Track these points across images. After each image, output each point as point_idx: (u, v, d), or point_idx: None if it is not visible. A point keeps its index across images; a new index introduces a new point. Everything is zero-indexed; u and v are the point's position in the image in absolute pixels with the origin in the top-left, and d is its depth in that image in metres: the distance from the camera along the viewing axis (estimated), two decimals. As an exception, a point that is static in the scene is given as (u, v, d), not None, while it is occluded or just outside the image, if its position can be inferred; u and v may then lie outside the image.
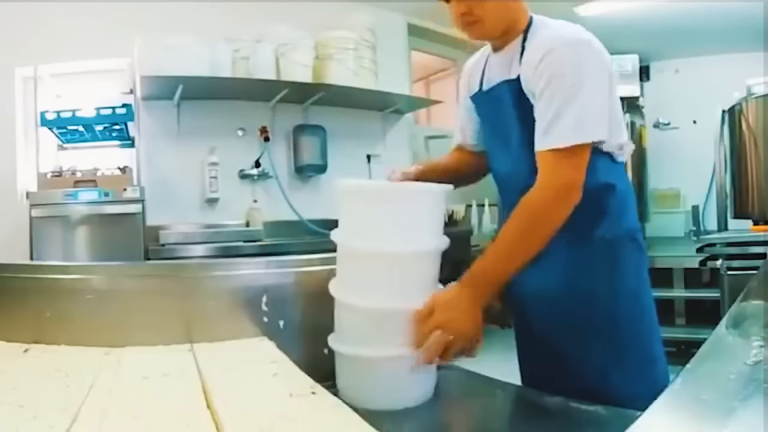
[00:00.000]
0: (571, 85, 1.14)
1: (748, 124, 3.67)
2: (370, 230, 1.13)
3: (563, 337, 1.26)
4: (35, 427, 0.76)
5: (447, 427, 1.18)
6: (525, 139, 1.22)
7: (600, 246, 1.24)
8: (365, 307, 1.11)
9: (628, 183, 1.34)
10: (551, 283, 1.26)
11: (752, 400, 0.49)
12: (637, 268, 1.28)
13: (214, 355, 1.15)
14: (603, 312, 1.23)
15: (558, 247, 1.16)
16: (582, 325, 1.24)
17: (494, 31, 1.26)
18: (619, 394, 1.09)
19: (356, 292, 1.13)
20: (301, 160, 3.77)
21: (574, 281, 1.24)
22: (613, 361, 1.21)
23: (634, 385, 1.16)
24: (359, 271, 1.14)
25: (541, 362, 1.32)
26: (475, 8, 1.21)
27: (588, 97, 1.14)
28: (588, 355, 1.23)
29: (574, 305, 1.24)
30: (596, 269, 1.24)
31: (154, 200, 3.16)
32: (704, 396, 0.51)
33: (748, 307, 0.91)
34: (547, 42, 1.18)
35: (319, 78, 3.54)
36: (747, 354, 0.61)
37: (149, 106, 3.34)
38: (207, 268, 1.32)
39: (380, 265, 1.12)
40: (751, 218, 3.70)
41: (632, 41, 4.54)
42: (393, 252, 1.13)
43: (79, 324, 1.20)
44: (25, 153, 3.16)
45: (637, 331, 1.25)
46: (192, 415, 0.82)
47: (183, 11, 3.40)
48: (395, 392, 1.12)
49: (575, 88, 1.13)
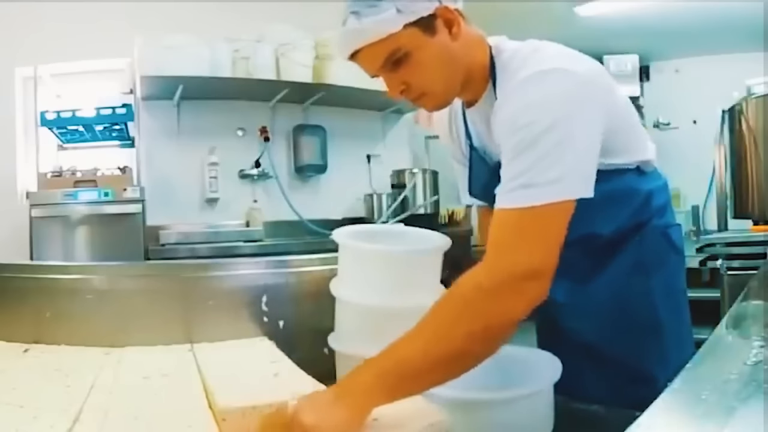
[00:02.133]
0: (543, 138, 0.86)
1: (748, 124, 3.66)
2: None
3: (604, 340, 1.15)
4: (36, 427, 0.76)
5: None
6: None
7: (638, 247, 1.17)
8: (365, 307, 1.11)
9: (664, 183, 1.24)
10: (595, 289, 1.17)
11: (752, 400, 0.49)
12: (675, 267, 1.21)
13: (214, 355, 1.15)
14: (646, 312, 1.15)
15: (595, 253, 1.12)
16: (625, 328, 1.14)
17: (451, 94, 1.03)
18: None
19: (357, 291, 1.13)
20: (301, 160, 3.77)
21: (617, 283, 1.16)
22: (657, 363, 1.12)
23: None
24: (360, 270, 1.14)
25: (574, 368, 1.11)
26: (410, 79, 0.96)
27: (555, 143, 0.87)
28: (631, 358, 1.14)
29: (616, 308, 1.15)
30: (637, 270, 1.16)
31: (154, 200, 3.16)
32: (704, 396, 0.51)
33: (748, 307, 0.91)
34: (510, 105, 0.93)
35: (319, 78, 3.54)
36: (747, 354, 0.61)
37: (149, 106, 3.34)
38: (207, 268, 1.32)
39: (381, 264, 1.12)
40: (751, 218, 3.69)
41: (632, 41, 4.53)
42: (394, 251, 1.13)
43: (79, 324, 1.20)
44: (25, 153, 3.17)
45: (679, 332, 1.19)
46: (194, 415, 0.82)
47: (183, 11, 3.41)
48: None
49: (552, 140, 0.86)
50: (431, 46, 0.94)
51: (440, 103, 1.04)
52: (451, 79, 1.00)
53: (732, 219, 3.90)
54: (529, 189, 0.85)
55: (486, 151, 1.14)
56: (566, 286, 1.13)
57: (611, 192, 1.04)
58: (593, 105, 0.92)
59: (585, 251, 1.14)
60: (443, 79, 0.99)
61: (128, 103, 3.11)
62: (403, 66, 0.95)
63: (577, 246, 1.16)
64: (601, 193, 0.92)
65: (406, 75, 0.96)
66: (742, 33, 4.15)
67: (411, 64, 0.94)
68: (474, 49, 1.02)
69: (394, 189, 3.88)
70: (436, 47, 0.95)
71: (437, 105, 1.04)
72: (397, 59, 0.94)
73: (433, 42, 0.95)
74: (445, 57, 0.97)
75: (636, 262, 1.15)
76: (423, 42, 0.94)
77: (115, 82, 3.27)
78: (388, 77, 0.98)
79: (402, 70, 0.95)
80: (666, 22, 4.10)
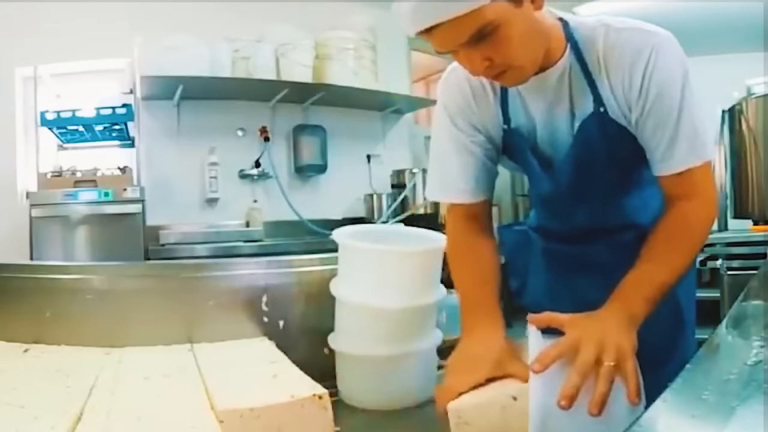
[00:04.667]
0: (677, 81, 0.97)
1: (748, 124, 3.66)
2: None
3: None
4: (36, 427, 0.76)
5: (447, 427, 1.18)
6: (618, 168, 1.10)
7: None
8: (365, 307, 1.11)
9: None
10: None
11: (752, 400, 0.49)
12: (693, 267, 1.21)
13: (215, 355, 1.15)
14: (671, 311, 1.13)
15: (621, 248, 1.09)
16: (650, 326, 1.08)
17: (535, 67, 0.98)
18: None
19: (357, 291, 1.13)
20: (301, 160, 3.77)
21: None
22: (677, 362, 1.04)
23: None
24: (360, 270, 1.14)
25: None
26: (495, 57, 0.91)
27: (696, 101, 1.00)
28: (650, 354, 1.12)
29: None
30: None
31: (154, 200, 3.16)
32: (704, 396, 0.51)
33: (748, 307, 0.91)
34: (631, 49, 0.97)
35: (319, 78, 3.54)
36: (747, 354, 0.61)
37: (149, 106, 3.34)
38: (207, 268, 1.32)
39: (381, 264, 1.12)
40: (751, 218, 3.69)
41: (632, 41, 4.52)
42: (395, 251, 1.13)
43: (79, 324, 1.20)
44: (25, 153, 3.17)
45: (693, 333, 1.18)
46: (196, 416, 0.82)
47: (183, 11, 3.40)
48: (395, 392, 1.12)
49: (687, 92, 0.98)
50: (519, 18, 0.89)
51: (523, 78, 0.98)
52: (537, 52, 0.96)
53: (732, 219, 3.89)
54: (706, 146, 1.01)
55: (529, 130, 1.09)
56: (592, 282, 1.11)
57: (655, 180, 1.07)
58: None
59: (616, 245, 1.14)
60: (531, 52, 0.95)
61: (128, 103, 3.11)
62: (489, 41, 0.88)
63: (609, 238, 1.18)
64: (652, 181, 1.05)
65: (490, 50, 0.89)
66: (742, 33, 4.15)
67: (498, 38, 0.88)
68: (547, 16, 0.98)
69: (394, 189, 3.88)
70: (523, 19, 0.90)
71: (520, 80, 0.98)
72: (484, 34, 0.87)
73: (520, 13, 0.89)
74: (532, 29, 0.93)
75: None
76: (511, 14, 0.88)
77: (115, 82, 3.27)
78: (468, 53, 0.91)
79: (486, 45, 0.89)
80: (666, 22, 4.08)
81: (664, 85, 0.96)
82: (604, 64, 1.00)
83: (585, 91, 1.02)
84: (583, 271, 1.20)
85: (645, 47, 0.96)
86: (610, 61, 0.99)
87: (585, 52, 1.01)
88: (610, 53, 0.99)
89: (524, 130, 1.10)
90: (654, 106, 0.97)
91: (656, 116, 0.98)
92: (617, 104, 1.01)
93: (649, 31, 0.99)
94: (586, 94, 1.02)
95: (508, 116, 1.10)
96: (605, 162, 1.07)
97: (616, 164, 1.09)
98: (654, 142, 1.00)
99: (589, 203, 1.16)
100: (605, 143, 1.04)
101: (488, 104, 1.10)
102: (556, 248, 1.27)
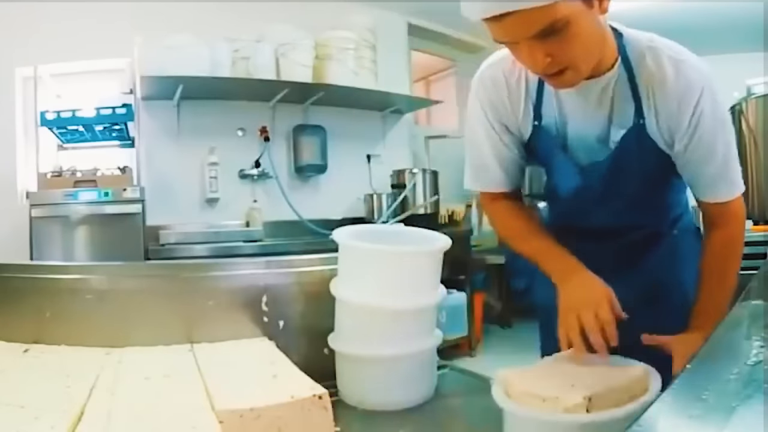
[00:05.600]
0: (722, 122, 1.04)
1: (748, 124, 3.66)
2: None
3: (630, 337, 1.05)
4: (37, 428, 0.76)
5: (447, 427, 1.18)
6: (649, 177, 1.13)
7: (674, 239, 1.22)
8: (365, 307, 1.11)
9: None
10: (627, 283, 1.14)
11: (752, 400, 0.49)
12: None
13: (215, 355, 1.15)
14: (678, 301, 1.16)
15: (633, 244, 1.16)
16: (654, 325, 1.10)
17: (587, 73, 0.97)
18: None
19: (357, 291, 1.13)
20: (301, 160, 3.77)
21: (651, 278, 1.18)
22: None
23: None
24: (360, 270, 1.14)
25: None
26: (558, 55, 0.90)
27: (734, 138, 1.08)
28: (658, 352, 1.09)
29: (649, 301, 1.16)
30: (671, 263, 1.20)
31: (154, 200, 3.16)
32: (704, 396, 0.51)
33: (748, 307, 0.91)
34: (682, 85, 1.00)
35: (319, 78, 3.54)
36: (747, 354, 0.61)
37: (149, 106, 3.34)
38: (207, 268, 1.32)
39: (381, 264, 1.12)
40: (751, 218, 3.69)
41: (632, 41, 4.52)
42: (394, 251, 1.13)
43: (79, 324, 1.20)
44: (25, 153, 3.17)
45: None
46: (198, 417, 0.82)
47: (183, 11, 3.41)
48: (395, 392, 1.12)
49: (729, 132, 1.05)
50: (588, 17, 0.88)
51: (577, 81, 0.97)
52: (596, 56, 0.96)
53: (732, 219, 3.90)
54: (740, 178, 1.10)
55: (559, 129, 1.12)
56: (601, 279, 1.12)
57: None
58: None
59: (625, 244, 1.17)
60: (592, 55, 0.94)
61: (128, 103, 3.11)
62: (557, 37, 0.87)
63: (623, 236, 1.21)
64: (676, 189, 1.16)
65: (554, 47, 0.88)
66: (742, 33, 4.15)
67: (567, 35, 0.87)
68: (606, 26, 0.99)
69: (394, 189, 3.88)
70: (591, 19, 0.89)
71: (575, 82, 0.97)
72: (554, 29, 0.85)
73: (590, 14, 0.89)
74: (597, 32, 0.93)
75: (671, 254, 1.18)
76: (582, 13, 0.87)
77: (115, 82, 3.27)
78: (533, 47, 0.88)
79: (552, 42, 0.87)
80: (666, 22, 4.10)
81: (711, 126, 1.00)
82: (652, 88, 1.02)
83: (629, 103, 1.04)
84: (590, 269, 1.20)
85: (696, 87, 0.99)
86: (659, 89, 1.01)
87: (635, 69, 1.03)
88: (661, 82, 1.01)
89: (554, 129, 1.12)
90: (700, 143, 1.01)
91: (701, 152, 1.03)
92: (657, 127, 1.04)
93: (701, 71, 1.02)
94: (629, 106, 1.04)
95: (540, 113, 1.12)
96: (638, 170, 1.11)
97: (647, 173, 1.12)
98: (697, 174, 1.07)
99: (613, 204, 1.18)
100: (642, 154, 1.07)
101: (520, 102, 1.12)
102: (566, 245, 1.27)
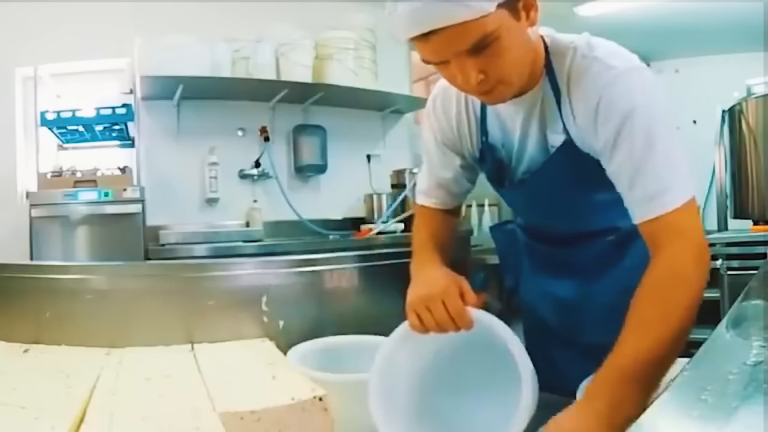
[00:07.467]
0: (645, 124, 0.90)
1: (748, 124, 3.67)
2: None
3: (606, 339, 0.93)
4: (37, 428, 0.76)
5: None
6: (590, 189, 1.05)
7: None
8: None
9: None
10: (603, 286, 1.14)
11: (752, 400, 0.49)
12: None
13: (215, 355, 1.15)
14: None
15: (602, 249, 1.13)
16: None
17: (518, 88, 0.95)
18: None
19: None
20: (301, 160, 3.77)
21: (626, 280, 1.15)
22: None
23: None
24: None
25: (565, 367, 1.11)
26: (490, 70, 0.86)
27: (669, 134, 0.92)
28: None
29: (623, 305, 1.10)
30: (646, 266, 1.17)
31: (154, 200, 3.16)
32: (704, 396, 0.51)
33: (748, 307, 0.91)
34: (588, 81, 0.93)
35: (319, 78, 3.54)
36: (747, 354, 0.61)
37: (149, 106, 3.34)
38: (207, 268, 1.32)
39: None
40: (751, 218, 3.69)
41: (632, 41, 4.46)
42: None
43: (79, 324, 1.20)
44: (25, 153, 3.16)
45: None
46: (200, 417, 0.82)
47: (183, 11, 3.40)
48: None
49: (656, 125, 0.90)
50: (517, 31, 0.86)
51: (511, 95, 0.94)
52: (528, 66, 0.93)
53: (732, 219, 3.90)
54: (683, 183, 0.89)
55: (504, 145, 1.10)
56: (571, 284, 1.13)
57: None
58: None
59: (597, 247, 1.15)
60: (524, 65, 0.91)
61: (128, 103, 3.11)
62: (487, 52, 0.84)
63: (590, 241, 1.19)
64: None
65: (486, 62, 0.85)
66: (742, 33, 4.15)
67: (498, 50, 0.84)
68: (538, 39, 0.95)
69: (394, 189, 3.87)
70: (521, 33, 0.87)
71: (507, 96, 0.94)
72: (484, 44, 0.83)
73: (519, 27, 0.86)
74: (526, 45, 0.89)
75: (646, 257, 1.15)
76: (511, 26, 0.84)
77: (115, 82, 3.27)
78: (463, 64, 0.85)
79: (483, 57, 0.84)
80: (666, 22, 4.10)
81: (620, 119, 0.89)
82: (567, 91, 0.96)
83: (556, 115, 1.00)
84: (563, 272, 1.21)
85: (599, 81, 0.91)
86: (573, 90, 0.95)
87: (557, 77, 0.97)
88: (575, 82, 0.94)
89: (500, 145, 1.12)
90: (617, 142, 0.90)
91: (620, 153, 0.90)
92: (580, 134, 0.97)
93: (607, 64, 0.92)
94: (557, 119, 1.00)
95: (486, 130, 1.11)
96: (576, 183, 1.04)
97: (587, 186, 1.05)
98: (622, 181, 0.92)
99: (561, 216, 1.17)
100: (575, 169, 1.01)
101: (470, 123, 1.13)
102: (539, 248, 1.29)
